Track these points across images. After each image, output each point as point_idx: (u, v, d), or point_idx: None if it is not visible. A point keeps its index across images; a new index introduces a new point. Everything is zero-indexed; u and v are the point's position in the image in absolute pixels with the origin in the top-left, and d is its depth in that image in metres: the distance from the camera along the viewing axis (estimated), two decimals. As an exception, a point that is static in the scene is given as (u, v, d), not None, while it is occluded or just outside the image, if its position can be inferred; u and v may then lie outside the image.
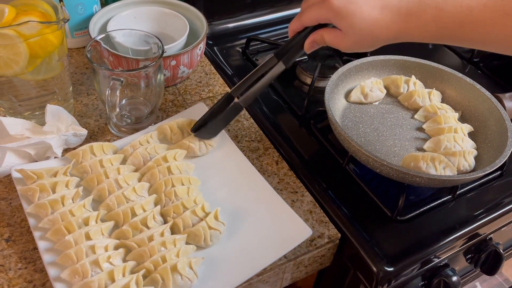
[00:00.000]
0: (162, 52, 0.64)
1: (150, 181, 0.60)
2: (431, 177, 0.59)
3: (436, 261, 0.62)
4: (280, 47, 0.60)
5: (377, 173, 0.62)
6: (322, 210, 0.62)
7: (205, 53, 0.86)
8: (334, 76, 0.71)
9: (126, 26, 0.76)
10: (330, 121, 0.65)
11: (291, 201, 0.63)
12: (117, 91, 0.60)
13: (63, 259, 0.50)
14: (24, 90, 0.64)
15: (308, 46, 0.57)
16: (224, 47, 0.91)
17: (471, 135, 0.71)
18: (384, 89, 0.77)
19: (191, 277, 0.50)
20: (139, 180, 0.60)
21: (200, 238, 0.54)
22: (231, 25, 0.95)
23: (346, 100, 0.75)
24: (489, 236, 0.69)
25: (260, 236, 0.56)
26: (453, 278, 0.64)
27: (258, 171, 0.63)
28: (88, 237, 0.51)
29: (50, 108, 0.63)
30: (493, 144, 0.67)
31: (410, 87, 0.77)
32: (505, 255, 0.70)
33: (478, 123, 0.72)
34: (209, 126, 0.64)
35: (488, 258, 0.70)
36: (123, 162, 0.62)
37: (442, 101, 0.76)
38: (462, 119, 0.74)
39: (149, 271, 0.50)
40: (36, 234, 0.53)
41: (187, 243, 0.54)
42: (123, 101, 0.69)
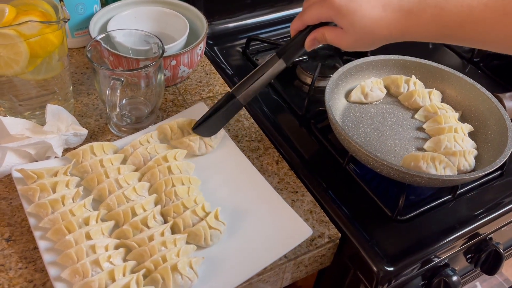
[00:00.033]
0: (163, 52, 0.64)
1: (150, 180, 0.60)
2: (431, 177, 0.59)
3: (436, 260, 0.62)
4: (281, 46, 0.60)
5: (377, 173, 0.62)
6: (322, 210, 0.62)
7: (205, 53, 0.86)
8: (334, 76, 0.71)
9: (126, 26, 0.76)
10: (330, 121, 0.65)
11: (291, 201, 0.63)
12: (118, 91, 0.60)
13: (64, 258, 0.50)
14: (24, 90, 0.64)
15: (308, 44, 0.57)
16: (224, 47, 0.91)
17: (471, 135, 0.71)
18: (384, 89, 0.77)
19: (191, 277, 0.50)
20: (140, 180, 0.60)
21: (200, 238, 0.54)
22: (231, 25, 0.95)
23: (346, 100, 0.75)
24: (489, 236, 0.69)
25: (261, 235, 0.56)
26: (453, 278, 0.64)
27: (259, 171, 0.63)
28: (88, 237, 0.51)
29: (51, 108, 0.63)
30: (493, 144, 0.67)
31: (410, 87, 0.77)
32: (505, 254, 0.70)
33: (478, 123, 0.72)
34: (209, 123, 0.64)
35: (488, 258, 0.71)
36: (124, 161, 0.62)
37: (442, 101, 0.76)
38: (462, 119, 0.74)
39: (149, 270, 0.50)
40: (37, 234, 0.53)
41: (187, 242, 0.54)
42: (124, 101, 0.69)
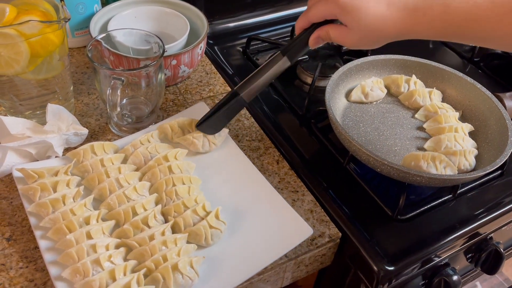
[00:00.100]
0: (163, 51, 0.64)
1: (151, 180, 0.60)
2: (432, 176, 0.59)
3: (436, 260, 0.62)
4: (286, 44, 0.60)
5: (378, 173, 0.62)
6: (322, 210, 0.62)
7: (205, 52, 0.86)
8: (335, 76, 0.71)
9: (126, 25, 0.76)
10: (331, 120, 0.65)
11: (292, 201, 0.63)
12: (118, 91, 0.60)
13: (64, 258, 0.50)
14: (25, 90, 0.64)
15: (312, 41, 0.57)
16: (225, 46, 0.91)
17: (472, 134, 0.71)
18: (384, 89, 0.77)
19: (192, 276, 0.50)
20: (140, 179, 0.60)
21: (201, 237, 0.54)
22: (232, 24, 0.95)
23: (346, 100, 0.75)
24: (490, 236, 0.70)
25: (261, 235, 0.56)
26: (454, 277, 0.64)
27: (259, 170, 0.63)
28: (89, 236, 0.51)
29: (51, 108, 0.63)
30: (493, 143, 0.67)
31: (410, 87, 0.77)
32: (505, 254, 0.70)
33: (478, 122, 0.72)
34: (212, 120, 0.64)
35: (489, 258, 0.71)
36: (124, 161, 0.62)
37: (443, 101, 0.76)
38: (463, 119, 0.74)
39: (150, 270, 0.50)
40: (37, 233, 0.53)
41: (188, 242, 0.54)
42: (124, 101, 0.69)
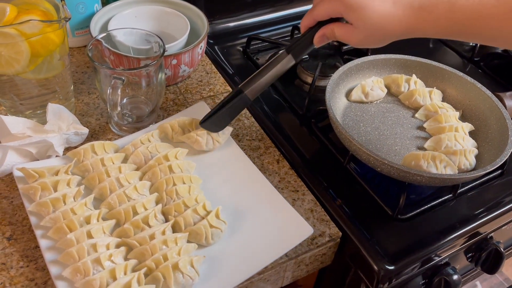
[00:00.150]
0: (163, 51, 0.64)
1: (151, 179, 0.60)
2: (432, 175, 0.59)
3: (436, 259, 0.62)
4: (291, 42, 0.60)
5: (378, 172, 0.62)
6: (323, 209, 0.62)
7: (206, 52, 0.86)
8: (335, 75, 0.71)
9: (127, 25, 0.76)
10: (331, 120, 0.65)
11: (292, 200, 0.63)
12: (118, 90, 0.60)
13: (65, 257, 0.50)
14: (25, 89, 0.64)
15: (317, 40, 0.57)
16: (225, 46, 0.91)
17: (472, 134, 0.71)
18: (385, 88, 0.77)
19: (192, 275, 0.50)
20: (141, 179, 0.60)
21: (201, 237, 0.54)
22: (232, 24, 0.95)
23: (347, 99, 0.75)
24: (490, 235, 0.70)
25: (261, 234, 0.56)
26: (454, 276, 0.64)
27: (259, 170, 0.63)
28: (89, 236, 0.51)
29: (52, 107, 0.63)
30: (493, 143, 0.67)
31: (411, 86, 0.77)
32: (505, 254, 0.70)
33: (478, 122, 0.72)
34: (216, 117, 0.64)
35: (489, 257, 0.71)
36: (124, 161, 0.63)
37: (443, 100, 0.76)
38: (463, 118, 0.74)
39: (150, 269, 0.50)
40: (38, 233, 0.53)
41: (188, 241, 0.54)
42: (124, 100, 0.69)
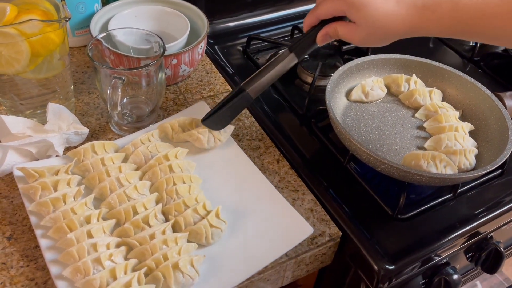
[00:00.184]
0: (163, 50, 0.64)
1: (151, 179, 0.60)
2: (432, 175, 0.59)
3: (436, 259, 0.62)
4: (294, 41, 0.59)
5: (378, 172, 0.62)
6: (323, 209, 0.62)
7: (206, 52, 0.86)
8: (335, 75, 0.71)
9: (127, 25, 0.77)
10: (331, 119, 0.65)
11: (292, 200, 0.63)
12: (119, 90, 0.60)
13: (65, 257, 0.50)
14: (25, 89, 0.64)
15: (320, 38, 0.57)
16: (225, 46, 0.91)
17: (472, 133, 0.71)
18: (385, 88, 0.77)
19: (192, 275, 0.50)
20: (141, 179, 0.60)
21: (201, 236, 0.54)
22: (232, 24, 0.95)
23: (347, 99, 0.75)
24: (490, 235, 0.70)
25: (261, 234, 0.56)
26: (454, 276, 0.64)
27: (259, 169, 0.63)
28: (90, 235, 0.52)
29: (52, 107, 0.63)
30: (493, 142, 0.67)
31: (411, 86, 0.77)
32: (505, 253, 0.70)
33: (478, 121, 0.72)
34: (218, 115, 0.63)
35: (489, 257, 0.71)
36: (125, 160, 0.63)
37: (443, 100, 0.76)
38: (463, 118, 0.74)
39: (150, 269, 0.50)
40: (38, 232, 0.53)
41: (188, 241, 0.54)
42: (124, 100, 0.69)
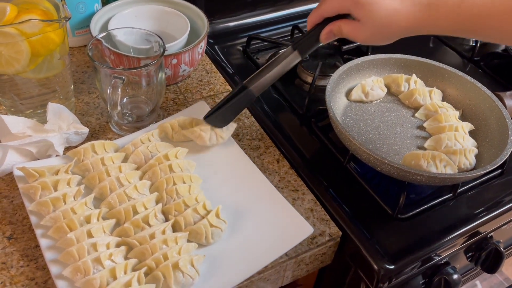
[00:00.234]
0: (163, 50, 0.64)
1: (151, 179, 0.60)
2: (432, 175, 0.59)
3: (436, 259, 0.62)
4: (297, 38, 0.59)
5: (378, 172, 0.62)
6: (323, 208, 0.62)
7: (206, 51, 0.86)
8: (335, 75, 0.71)
9: (127, 24, 0.77)
10: (331, 119, 0.65)
11: (292, 199, 0.63)
12: (119, 90, 0.60)
13: (65, 256, 0.50)
14: (25, 89, 0.64)
15: (324, 36, 0.56)
16: (225, 45, 0.91)
17: (472, 133, 0.71)
18: (385, 88, 0.77)
19: (192, 275, 0.50)
20: (141, 178, 0.60)
21: (201, 236, 0.54)
22: (232, 24, 0.95)
23: (347, 99, 0.75)
24: (490, 235, 0.70)
25: (261, 234, 0.56)
26: (454, 276, 0.64)
27: (259, 169, 0.63)
28: (90, 235, 0.52)
29: (52, 107, 0.63)
30: (493, 142, 0.67)
31: (411, 86, 0.77)
32: (505, 253, 0.70)
33: (478, 121, 0.72)
34: (220, 112, 0.63)
35: (489, 257, 0.71)
36: (125, 160, 0.63)
37: (443, 100, 0.76)
38: (463, 118, 0.74)
39: (150, 268, 0.50)
40: (38, 232, 0.53)
41: (188, 241, 0.54)
42: (124, 100, 0.69)
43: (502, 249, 0.69)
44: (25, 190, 0.56)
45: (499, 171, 0.70)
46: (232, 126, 0.66)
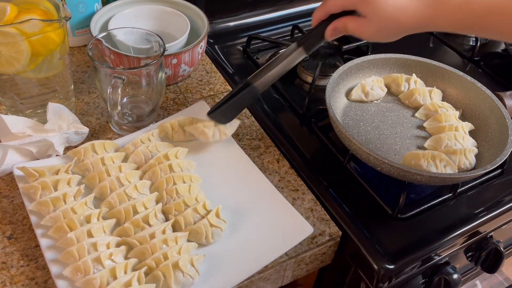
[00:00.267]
0: (164, 50, 0.64)
1: (151, 179, 0.60)
2: (432, 175, 0.59)
3: (436, 259, 0.62)
4: (302, 35, 0.58)
5: (378, 171, 0.62)
6: (323, 208, 0.62)
7: (206, 51, 0.86)
8: (335, 75, 0.71)
9: (127, 24, 0.77)
10: (331, 119, 0.65)
11: (292, 199, 0.63)
12: (119, 89, 0.60)
13: (65, 256, 0.50)
14: (26, 88, 0.64)
15: (329, 33, 0.56)
16: (225, 45, 0.91)
17: (472, 133, 0.71)
18: (385, 88, 0.77)
19: (192, 274, 0.50)
20: (141, 178, 0.60)
21: (201, 236, 0.54)
22: (232, 23, 0.95)
23: (347, 99, 0.75)
24: (490, 234, 0.70)
25: (261, 233, 0.56)
26: (454, 276, 0.64)
27: (259, 169, 0.63)
28: (90, 235, 0.52)
29: (52, 106, 0.63)
30: (493, 142, 0.67)
31: (411, 86, 0.77)
32: (505, 253, 0.70)
33: (478, 121, 0.72)
34: (224, 108, 0.62)
35: (489, 256, 0.71)
36: (125, 160, 0.63)
37: (443, 100, 0.76)
38: (463, 117, 0.74)
39: (150, 268, 0.50)
40: (38, 232, 0.53)
41: (188, 240, 0.54)
42: (125, 99, 0.70)
43: (502, 249, 0.69)
44: (25, 189, 0.56)
45: (499, 171, 0.70)
46: (235, 123, 0.66)
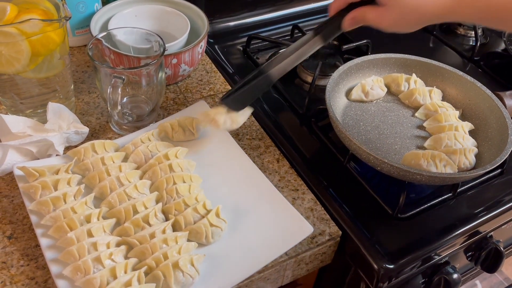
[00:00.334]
0: (164, 50, 0.64)
1: (151, 178, 0.60)
2: (432, 174, 0.59)
3: (436, 258, 0.62)
4: (320, 24, 0.58)
5: (378, 171, 0.62)
6: (323, 208, 0.62)
7: (206, 51, 0.86)
8: (335, 74, 0.71)
9: (127, 24, 0.77)
10: (331, 119, 0.65)
11: (292, 199, 0.63)
12: (119, 89, 0.60)
13: (65, 256, 0.50)
14: (26, 88, 0.64)
15: (347, 22, 0.55)
16: (225, 45, 0.91)
17: (472, 133, 0.71)
18: (384, 87, 0.77)
19: (192, 274, 0.50)
20: (141, 178, 0.60)
21: (201, 235, 0.54)
22: (232, 23, 0.95)
23: (347, 98, 0.76)
24: (490, 234, 0.70)
25: (261, 233, 0.56)
26: (454, 275, 0.64)
27: (259, 169, 0.63)
28: (90, 234, 0.52)
29: (52, 106, 0.63)
30: (493, 142, 0.67)
31: (410, 85, 0.77)
32: (505, 253, 0.70)
33: (478, 121, 0.72)
34: (238, 95, 0.60)
35: (489, 256, 0.71)
36: (125, 160, 0.63)
37: (443, 99, 0.76)
38: (463, 117, 0.74)
39: (150, 268, 0.50)
40: (38, 231, 0.53)
41: (188, 240, 0.54)
42: (125, 99, 0.70)
43: (502, 249, 0.69)
44: (25, 189, 0.56)
45: (499, 170, 0.70)
46: (248, 111, 0.63)
